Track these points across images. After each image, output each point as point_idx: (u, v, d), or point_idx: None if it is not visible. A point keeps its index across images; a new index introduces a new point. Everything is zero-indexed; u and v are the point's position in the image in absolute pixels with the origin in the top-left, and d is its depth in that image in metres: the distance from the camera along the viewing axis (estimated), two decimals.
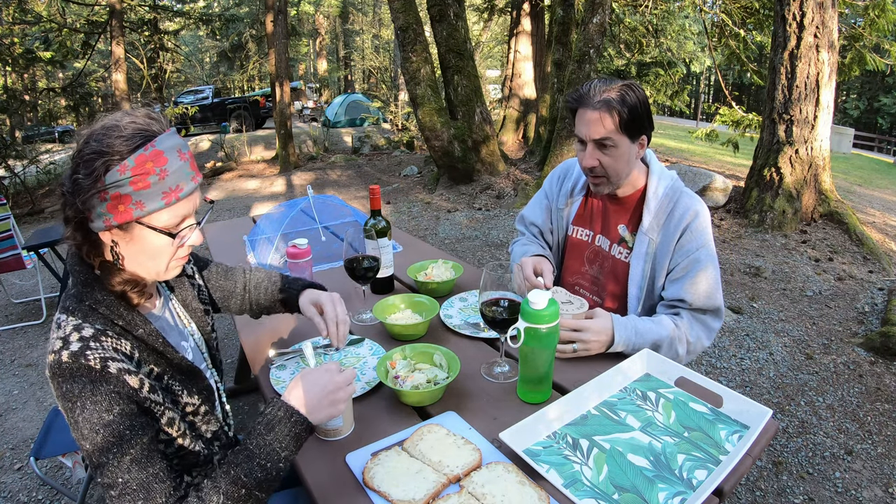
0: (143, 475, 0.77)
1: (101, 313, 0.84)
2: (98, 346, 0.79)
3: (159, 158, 0.81)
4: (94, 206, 0.80)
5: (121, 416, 0.77)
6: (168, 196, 0.82)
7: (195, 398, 0.93)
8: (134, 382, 0.80)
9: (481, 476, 0.87)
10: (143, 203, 0.81)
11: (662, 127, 16.94)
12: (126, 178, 0.79)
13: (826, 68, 4.61)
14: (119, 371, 0.78)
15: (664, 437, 0.97)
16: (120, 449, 0.76)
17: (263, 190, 8.56)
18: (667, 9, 9.69)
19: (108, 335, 0.82)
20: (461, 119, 6.94)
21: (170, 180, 0.82)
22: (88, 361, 0.77)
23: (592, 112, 1.29)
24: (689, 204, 1.34)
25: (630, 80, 1.33)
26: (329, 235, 2.08)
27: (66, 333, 0.80)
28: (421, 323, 1.34)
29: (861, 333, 3.21)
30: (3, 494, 2.17)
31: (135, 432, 0.78)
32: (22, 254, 3.61)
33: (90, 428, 0.76)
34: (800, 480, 2.11)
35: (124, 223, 0.81)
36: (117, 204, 0.80)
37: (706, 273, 1.31)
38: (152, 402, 0.83)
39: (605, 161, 1.33)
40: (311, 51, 28.94)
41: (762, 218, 4.84)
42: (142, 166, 0.79)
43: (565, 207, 1.58)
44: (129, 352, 0.83)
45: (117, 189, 0.79)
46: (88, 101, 10.99)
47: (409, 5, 6.61)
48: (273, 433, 0.82)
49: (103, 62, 15.19)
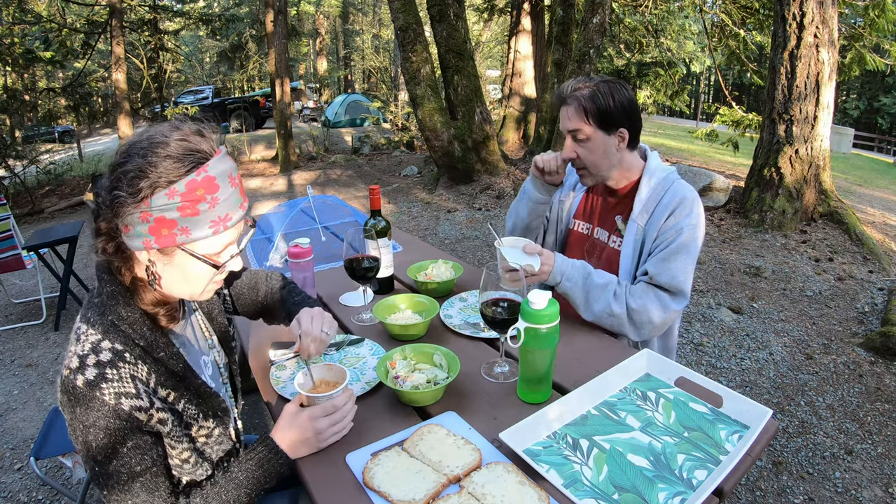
0: (150, 498, 0.81)
1: (123, 331, 0.81)
2: (114, 377, 0.77)
3: (211, 185, 0.77)
4: (134, 225, 0.76)
5: (133, 449, 0.79)
6: (216, 225, 0.79)
7: (210, 422, 0.91)
8: (143, 418, 0.80)
9: (481, 476, 0.87)
10: (190, 230, 0.77)
11: (662, 127, 16.94)
12: (174, 204, 0.75)
13: (826, 68, 4.61)
14: (131, 409, 0.78)
15: (664, 437, 0.97)
16: (130, 476, 0.79)
17: (264, 189, 8.56)
18: (667, 9, 9.69)
19: (125, 360, 0.79)
20: (461, 119, 6.94)
21: (220, 209, 0.78)
22: (103, 395, 0.76)
23: (565, 107, 1.41)
24: (678, 190, 1.38)
25: (612, 79, 1.40)
26: (329, 235, 2.08)
27: (84, 352, 0.78)
28: (421, 323, 1.34)
29: (861, 333, 3.21)
30: (3, 494, 2.17)
31: (144, 462, 0.80)
32: (22, 254, 3.61)
33: (103, 455, 0.77)
34: (800, 480, 2.11)
35: (166, 248, 0.78)
36: (161, 228, 0.76)
37: (678, 255, 1.32)
38: (161, 433, 0.84)
39: (582, 153, 1.41)
40: (311, 51, 28.93)
41: (762, 218, 4.84)
42: (192, 193, 0.75)
43: (567, 199, 1.63)
44: (146, 377, 0.81)
45: (162, 213, 0.75)
46: (88, 101, 10.99)
47: (409, 5, 6.61)
48: (262, 469, 0.90)
49: (103, 62, 15.19)
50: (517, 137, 10.37)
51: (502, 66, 17.89)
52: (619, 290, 1.34)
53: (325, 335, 1.06)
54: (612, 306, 1.33)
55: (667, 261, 1.33)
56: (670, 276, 1.32)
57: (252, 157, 11.89)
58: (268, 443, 0.93)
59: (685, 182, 1.42)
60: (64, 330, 3.63)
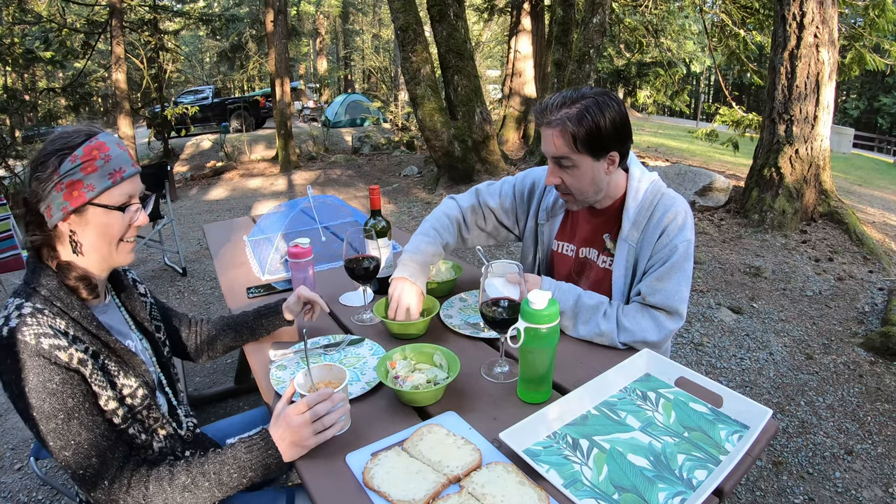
0: (91, 436, 0.87)
1: (43, 295, 0.93)
2: (34, 323, 0.87)
3: (102, 147, 0.95)
4: (53, 200, 0.93)
5: (62, 384, 0.86)
6: (113, 176, 0.96)
7: (132, 380, 0.98)
8: (64, 357, 0.87)
9: (481, 476, 0.87)
10: (94, 185, 0.94)
11: (663, 127, 16.93)
12: (77, 166, 0.92)
13: (826, 68, 4.61)
14: (50, 346, 0.86)
15: (664, 437, 0.97)
16: (66, 413, 0.86)
17: (264, 189, 8.56)
18: (667, 9, 9.69)
19: (44, 314, 0.90)
20: (461, 119, 6.94)
21: (113, 163, 0.96)
22: (24, 337, 0.85)
23: (547, 129, 1.27)
24: (669, 205, 1.31)
25: (603, 94, 1.26)
26: (329, 235, 2.08)
27: (7, 312, 0.89)
28: (420, 322, 1.34)
29: (861, 333, 3.21)
30: (3, 494, 2.17)
31: (76, 399, 0.87)
32: (22, 254, 3.61)
33: (36, 396, 0.84)
34: (800, 480, 2.11)
35: (80, 206, 0.94)
36: (72, 191, 0.93)
37: (672, 274, 1.27)
38: (86, 376, 0.90)
39: (568, 180, 1.31)
40: (311, 51, 28.93)
41: (762, 218, 4.84)
42: (88, 154, 0.94)
43: (546, 223, 1.54)
44: (64, 329, 0.91)
45: (70, 177, 0.92)
46: (88, 101, 10.99)
47: (409, 5, 6.61)
48: (251, 454, 0.93)
49: (103, 62, 15.16)
50: (517, 137, 10.37)
51: (502, 66, 17.89)
52: (609, 310, 1.29)
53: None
54: (601, 325, 1.27)
55: (661, 280, 1.27)
56: (665, 295, 1.26)
57: (252, 157, 11.89)
58: (264, 433, 0.95)
59: (673, 192, 1.35)
60: None
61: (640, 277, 1.34)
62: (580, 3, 7.27)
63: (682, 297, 1.27)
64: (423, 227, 1.56)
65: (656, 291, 1.27)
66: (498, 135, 9.02)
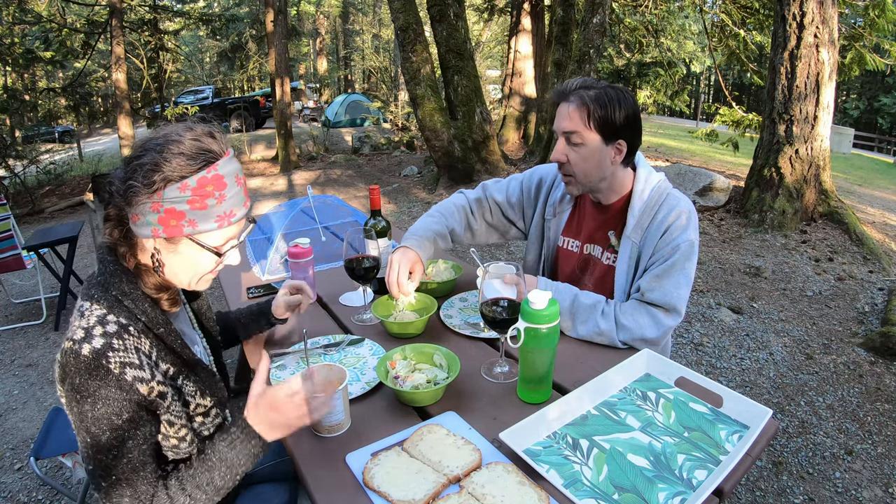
0: (134, 476, 0.82)
1: (126, 306, 0.85)
2: (120, 347, 0.80)
3: (220, 183, 0.84)
4: (144, 214, 0.82)
5: (129, 423, 0.80)
6: (221, 220, 0.86)
7: (207, 399, 0.95)
8: (144, 390, 0.82)
9: (481, 476, 0.87)
10: (197, 223, 0.84)
11: (663, 127, 16.93)
12: (185, 197, 0.81)
13: (826, 68, 4.61)
14: (133, 379, 0.80)
15: (664, 437, 0.97)
16: (121, 452, 0.80)
17: (264, 189, 8.56)
18: (667, 9, 9.69)
19: (130, 332, 0.83)
20: (461, 119, 6.94)
21: (226, 205, 0.85)
22: (109, 363, 0.78)
23: (565, 105, 1.31)
24: (673, 205, 1.32)
25: (621, 87, 1.32)
26: (329, 235, 2.08)
27: (89, 324, 0.81)
28: (419, 320, 1.34)
29: (861, 333, 3.21)
30: (3, 494, 2.17)
31: (137, 440, 0.82)
32: (22, 254, 3.61)
33: (97, 427, 0.79)
34: (800, 480, 2.11)
35: (173, 238, 0.84)
36: (170, 218, 0.82)
37: (673, 273, 1.28)
38: (158, 405, 0.85)
39: (573, 157, 1.33)
40: (311, 51, 28.92)
41: (762, 218, 4.84)
42: (202, 189, 0.82)
43: (552, 218, 1.55)
44: (148, 350, 0.85)
45: (173, 205, 0.81)
46: (88, 101, 11.00)
47: (409, 5, 6.61)
48: (234, 451, 0.88)
49: (103, 62, 15.18)
50: (517, 137, 10.37)
51: (502, 66, 17.89)
52: (607, 309, 1.30)
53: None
54: (599, 324, 1.28)
55: (661, 277, 1.28)
56: (663, 292, 1.26)
57: (252, 156, 11.89)
58: (240, 423, 0.90)
59: (678, 192, 1.36)
60: (64, 330, 3.63)
61: (641, 275, 1.34)
62: (580, 3, 7.26)
63: (680, 295, 1.28)
64: (429, 211, 1.62)
65: (655, 288, 1.28)
66: (498, 135, 9.02)
